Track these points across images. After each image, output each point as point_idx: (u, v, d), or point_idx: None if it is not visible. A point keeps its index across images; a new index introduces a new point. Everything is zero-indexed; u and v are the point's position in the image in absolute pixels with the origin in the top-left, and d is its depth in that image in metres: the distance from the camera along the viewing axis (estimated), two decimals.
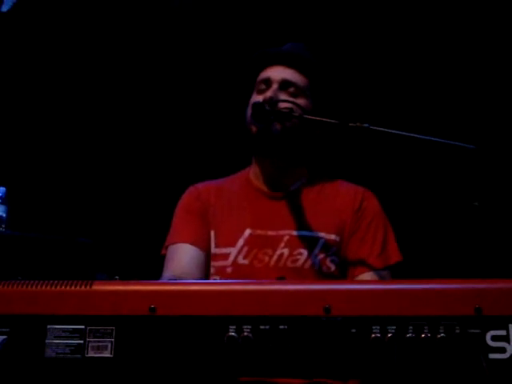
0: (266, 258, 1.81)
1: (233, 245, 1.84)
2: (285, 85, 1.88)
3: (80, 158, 3.48)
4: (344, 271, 1.84)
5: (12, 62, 3.35)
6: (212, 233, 1.89)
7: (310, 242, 1.82)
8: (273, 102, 1.78)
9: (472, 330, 0.97)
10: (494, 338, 0.97)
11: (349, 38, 3.18)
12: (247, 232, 1.85)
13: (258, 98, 1.87)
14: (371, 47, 3.18)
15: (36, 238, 2.80)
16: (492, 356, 0.97)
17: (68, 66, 3.44)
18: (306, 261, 1.80)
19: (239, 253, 1.82)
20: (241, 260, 1.81)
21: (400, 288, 1.02)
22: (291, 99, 1.85)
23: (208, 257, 1.86)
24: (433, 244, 2.99)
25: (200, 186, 2.01)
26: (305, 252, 1.80)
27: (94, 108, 3.50)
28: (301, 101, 1.87)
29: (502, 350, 0.97)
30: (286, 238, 1.83)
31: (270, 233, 1.85)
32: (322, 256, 1.80)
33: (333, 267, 1.81)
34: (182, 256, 1.83)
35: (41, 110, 3.48)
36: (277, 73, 1.90)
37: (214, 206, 1.93)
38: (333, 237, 1.84)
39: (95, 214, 3.39)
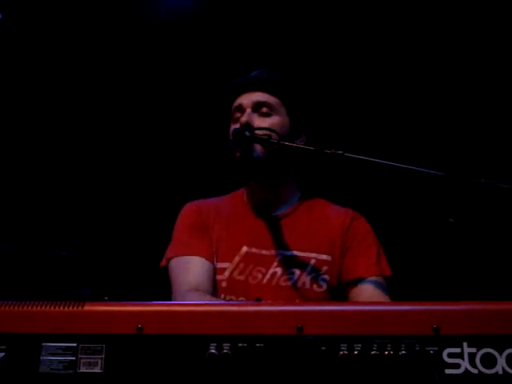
0: (260, 276, 1.89)
1: (230, 260, 1.92)
2: (257, 106, 1.97)
3: (64, 173, 3.51)
4: (335, 290, 1.92)
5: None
6: None
7: (301, 262, 1.90)
8: (250, 128, 1.87)
9: (430, 348, 1.07)
10: (449, 355, 1.07)
11: (324, 64, 3.28)
12: (244, 249, 1.94)
13: (235, 125, 1.96)
14: (345, 74, 3.28)
15: (19, 251, 2.84)
16: (448, 371, 1.06)
17: (53, 86, 3.48)
18: (297, 280, 1.88)
19: (235, 269, 1.90)
20: (236, 276, 1.89)
21: (366, 309, 1.11)
22: (266, 122, 1.93)
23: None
24: (410, 259, 3.09)
25: (199, 203, 2.09)
26: (297, 272, 1.89)
27: (81, 122, 3.53)
28: (275, 119, 1.95)
29: (457, 366, 1.06)
30: (279, 257, 1.92)
31: (264, 252, 1.93)
32: (313, 275, 1.89)
33: (324, 286, 1.90)
34: (196, 269, 1.89)
35: (24, 121, 3.50)
36: (246, 98, 1.99)
37: (213, 223, 2.01)
38: (324, 257, 1.93)
39: (79, 229, 3.43)
